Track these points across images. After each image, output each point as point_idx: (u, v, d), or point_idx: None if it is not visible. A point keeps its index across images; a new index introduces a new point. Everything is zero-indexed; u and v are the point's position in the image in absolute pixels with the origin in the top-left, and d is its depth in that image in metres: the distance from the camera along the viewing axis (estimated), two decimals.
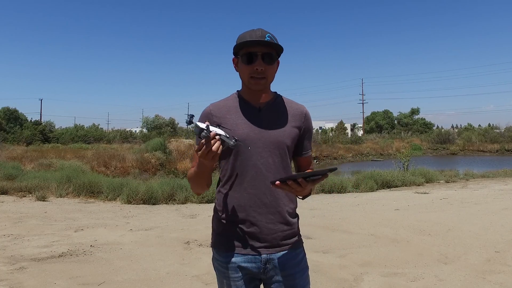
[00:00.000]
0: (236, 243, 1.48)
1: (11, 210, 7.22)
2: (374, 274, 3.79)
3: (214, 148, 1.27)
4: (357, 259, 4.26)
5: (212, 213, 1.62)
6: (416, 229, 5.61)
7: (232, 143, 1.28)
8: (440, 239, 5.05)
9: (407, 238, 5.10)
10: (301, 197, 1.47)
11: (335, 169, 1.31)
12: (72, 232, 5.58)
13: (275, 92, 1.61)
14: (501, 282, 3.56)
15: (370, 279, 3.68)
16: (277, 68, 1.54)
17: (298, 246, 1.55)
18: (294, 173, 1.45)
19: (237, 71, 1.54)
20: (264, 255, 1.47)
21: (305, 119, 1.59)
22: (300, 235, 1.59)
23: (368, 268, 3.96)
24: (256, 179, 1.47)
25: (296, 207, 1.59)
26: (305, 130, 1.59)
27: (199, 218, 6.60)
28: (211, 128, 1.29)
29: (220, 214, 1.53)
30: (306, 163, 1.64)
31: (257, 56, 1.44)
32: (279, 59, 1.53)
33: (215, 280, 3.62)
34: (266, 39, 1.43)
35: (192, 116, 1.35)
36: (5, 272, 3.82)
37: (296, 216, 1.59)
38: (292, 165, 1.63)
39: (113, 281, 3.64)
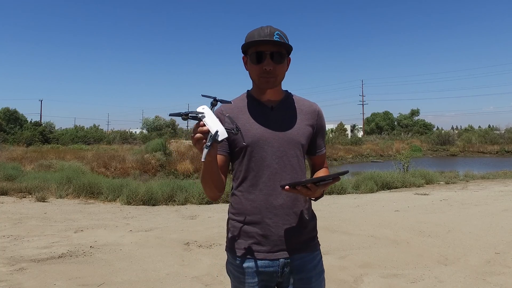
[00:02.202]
0: (253, 247, 1.42)
1: (11, 211, 7.21)
2: (374, 275, 3.79)
3: (197, 136, 1.16)
4: (357, 260, 4.25)
5: (212, 214, 1.61)
6: (416, 230, 5.61)
7: (233, 132, 1.17)
8: (440, 241, 5.04)
9: (407, 240, 5.10)
10: (313, 199, 1.42)
11: (346, 172, 1.28)
12: (72, 233, 5.57)
13: (286, 91, 1.57)
14: (501, 284, 3.55)
15: (370, 280, 3.67)
16: (287, 65, 1.50)
17: (315, 248, 1.50)
18: (308, 174, 1.44)
19: (247, 70, 1.50)
20: (281, 259, 1.41)
21: (318, 117, 1.55)
22: (317, 237, 1.54)
23: (368, 269, 3.96)
24: (271, 180, 1.42)
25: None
26: (318, 128, 1.55)
27: (199, 219, 6.59)
28: (208, 121, 1.15)
29: (234, 217, 1.48)
30: (320, 161, 1.60)
31: (265, 55, 1.40)
32: (289, 56, 1.49)
33: (215, 281, 3.63)
34: (275, 38, 1.38)
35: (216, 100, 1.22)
36: (4, 273, 3.82)
37: (314, 216, 1.54)
38: (306, 163, 1.59)
39: (113, 282, 3.63)
